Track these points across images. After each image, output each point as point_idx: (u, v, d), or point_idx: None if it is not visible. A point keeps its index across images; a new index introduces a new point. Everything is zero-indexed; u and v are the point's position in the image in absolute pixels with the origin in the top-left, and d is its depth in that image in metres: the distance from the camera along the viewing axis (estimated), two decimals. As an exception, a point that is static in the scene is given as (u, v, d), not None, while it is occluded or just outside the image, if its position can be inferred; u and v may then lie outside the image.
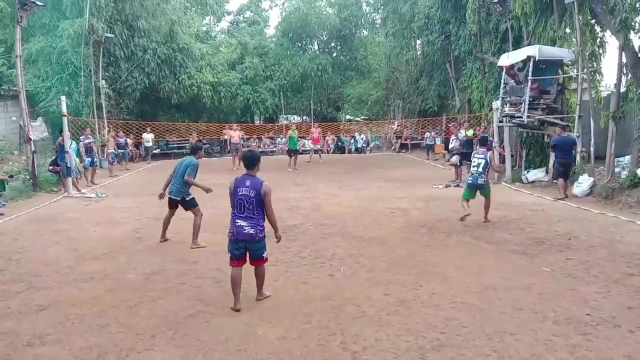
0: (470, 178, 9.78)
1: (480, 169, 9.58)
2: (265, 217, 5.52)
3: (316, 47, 35.46)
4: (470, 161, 14.45)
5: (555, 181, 13.01)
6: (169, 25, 26.67)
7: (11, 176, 13.57)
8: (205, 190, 8.36)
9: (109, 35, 22.50)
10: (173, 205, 8.38)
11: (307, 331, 4.86)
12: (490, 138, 15.54)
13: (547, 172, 14.37)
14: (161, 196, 8.54)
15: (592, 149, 13.28)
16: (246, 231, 5.37)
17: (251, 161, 5.56)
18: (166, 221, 8.51)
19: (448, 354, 4.31)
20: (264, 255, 5.59)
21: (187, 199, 8.33)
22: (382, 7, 32.10)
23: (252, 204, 5.37)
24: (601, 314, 5.08)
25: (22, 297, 5.95)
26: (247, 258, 5.56)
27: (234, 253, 5.48)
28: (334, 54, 35.53)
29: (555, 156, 13.03)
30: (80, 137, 16.98)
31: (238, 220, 5.41)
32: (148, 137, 24.77)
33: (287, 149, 21.99)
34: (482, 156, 9.71)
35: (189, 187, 8.31)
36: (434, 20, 24.15)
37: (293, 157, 20.53)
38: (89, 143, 16.76)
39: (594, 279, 6.22)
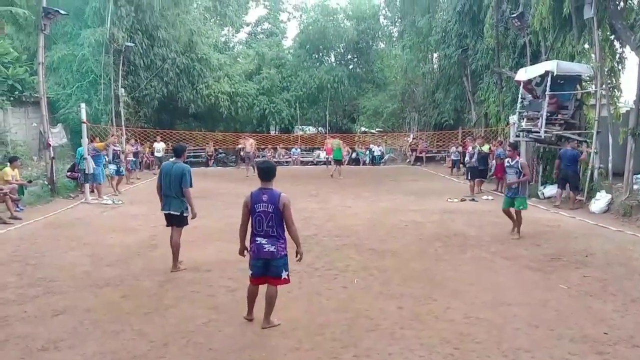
0: (506, 188, 10.07)
1: (514, 177, 9.61)
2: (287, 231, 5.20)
3: (333, 59, 35.64)
4: (484, 177, 14.38)
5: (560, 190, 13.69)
6: (188, 36, 27.01)
7: (30, 181, 13.78)
8: (192, 215, 7.40)
9: (129, 44, 22.84)
10: (171, 222, 7.43)
11: (320, 343, 4.85)
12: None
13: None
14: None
15: (610, 165, 13.13)
16: (267, 249, 5.08)
17: (267, 172, 5.23)
18: (175, 246, 7.36)
19: (462, 369, 4.27)
20: (283, 275, 5.19)
21: (185, 214, 7.40)
22: (400, 20, 32.21)
23: (271, 220, 5.07)
24: (619, 333, 4.99)
25: (38, 301, 6.02)
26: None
27: (254, 271, 5.21)
28: (351, 66, 35.65)
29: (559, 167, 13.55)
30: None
31: (258, 238, 5.11)
32: (159, 147, 23.72)
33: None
34: (515, 164, 9.65)
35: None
36: (452, 34, 24.13)
37: (337, 167, 21.49)
38: (116, 151, 16.40)
39: (612, 297, 6.12)
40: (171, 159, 7.59)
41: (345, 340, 4.90)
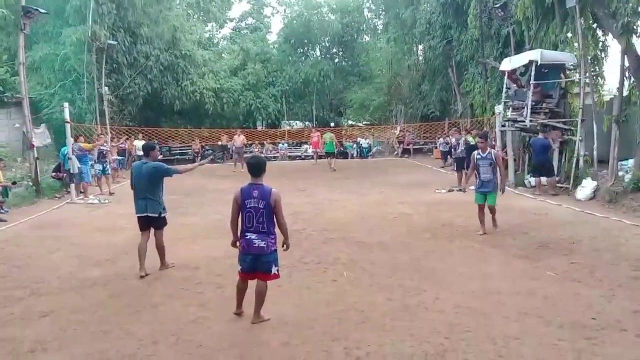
0: (479, 183, 9.04)
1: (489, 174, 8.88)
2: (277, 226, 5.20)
3: (318, 53, 35.59)
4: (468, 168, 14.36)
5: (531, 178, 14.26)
6: (172, 32, 26.76)
7: (14, 183, 13.58)
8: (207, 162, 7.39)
9: (111, 42, 22.53)
10: (148, 225, 7.07)
11: (310, 337, 4.83)
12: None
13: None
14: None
15: (595, 152, 13.23)
16: (256, 244, 5.05)
17: (257, 168, 5.18)
18: (143, 250, 6.97)
19: (452, 359, 4.28)
20: (273, 270, 5.15)
21: (163, 215, 7.11)
22: (384, 12, 32.21)
23: (262, 216, 5.05)
24: (606, 318, 5.03)
25: (24, 303, 5.94)
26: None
27: (243, 266, 5.18)
28: (336, 60, 35.64)
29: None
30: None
31: (248, 234, 5.08)
32: (140, 145, 20.46)
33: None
34: (488, 157, 8.95)
35: (163, 199, 7.11)
36: (436, 25, 24.19)
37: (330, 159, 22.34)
38: (102, 150, 15.79)
39: (599, 283, 6.18)
40: (141, 159, 7.31)
41: (335, 333, 4.89)
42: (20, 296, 6.18)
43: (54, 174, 15.55)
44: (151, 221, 7.05)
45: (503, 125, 15.58)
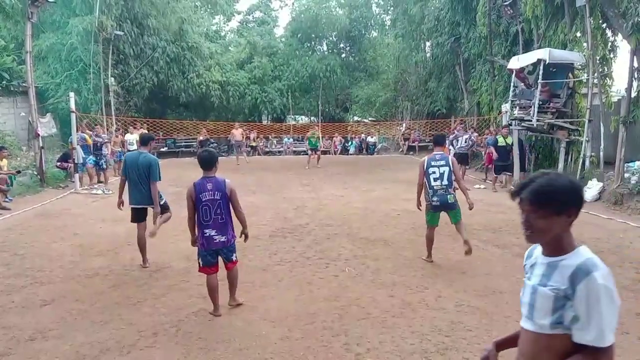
0: (435, 197, 7.05)
1: (445, 181, 7.01)
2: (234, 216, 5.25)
3: (325, 48, 35.41)
4: (509, 172, 13.88)
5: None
6: (179, 24, 26.68)
7: (19, 171, 13.62)
8: (155, 213, 6.98)
9: (118, 32, 22.52)
10: (142, 216, 7.03)
11: (311, 332, 4.82)
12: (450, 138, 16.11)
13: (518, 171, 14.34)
14: (121, 204, 7.25)
15: (601, 153, 13.17)
16: (217, 240, 5.07)
17: (208, 161, 5.16)
18: (143, 241, 6.99)
19: (453, 357, 4.26)
20: (233, 258, 5.28)
21: (162, 202, 7.07)
22: (392, 8, 32.02)
23: (219, 207, 5.04)
24: (609, 320, 4.98)
25: (26, 291, 5.96)
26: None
27: (206, 261, 5.15)
28: (343, 55, 35.46)
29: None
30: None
31: (206, 230, 5.05)
32: (132, 139, 17.89)
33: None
34: (444, 162, 7.05)
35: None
36: (444, 22, 24.05)
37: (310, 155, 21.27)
38: (97, 142, 15.21)
39: (602, 284, 6.12)
40: (137, 149, 7.19)
41: (336, 328, 4.88)
42: (22, 284, 6.20)
43: (59, 163, 15.59)
44: (144, 212, 7.01)
45: (510, 124, 15.49)
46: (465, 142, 16.10)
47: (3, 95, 20.84)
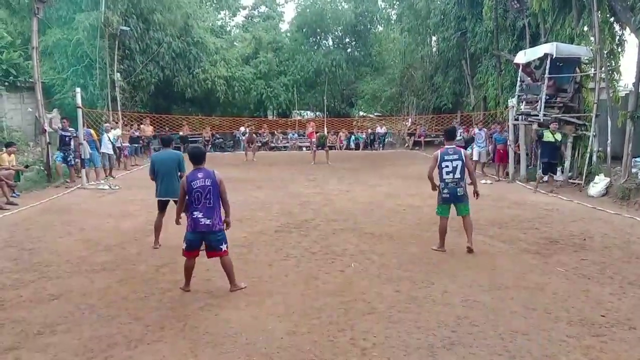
0: (445, 189, 7.34)
1: (457, 175, 7.24)
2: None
3: (330, 43, 35.35)
4: (554, 172, 13.34)
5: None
6: (184, 19, 26.69)
7: (26, 167, 13.70)
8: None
9: (124, 28, 22.48)
10: (165, 206, 7.78)
11: (317, 326, 4.83)
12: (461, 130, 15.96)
13: (562, 172, 14.14)
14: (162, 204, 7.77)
15: (608, 148, 13.09)
16: (202, 222, 5.52)
17: (199, 157, 5.76)
18: (159, 225, 7.77)
19: (459, 352, 4.26)
20: (223, 247, 5.65)
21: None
22: (398, 2, 31.84)
23: (209, 193, 5.55)
24: (616, 316, 4.98)
25: (34, 286, 5.99)
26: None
27: (189, 244, 5.61)
28: (349, 50, 35.37)
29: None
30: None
31: (195, 213, 5.53)
32: (114, 134, 17.53)
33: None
34: (457, 156, 7.28)
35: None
36: (450, 16, 23.93)
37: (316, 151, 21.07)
38: (64, 136, 14.41)
39: (609, 280, 6.11)
40: (160, 150, 7.96)
41: (342, 323, 4.88)
42: (30, 279, 6.24)
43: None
44: (167, 203, 7.71)
45: (516, 119, 15.43)
46: (484, 138, 16.35)
47: (10, 90, 20.93)
